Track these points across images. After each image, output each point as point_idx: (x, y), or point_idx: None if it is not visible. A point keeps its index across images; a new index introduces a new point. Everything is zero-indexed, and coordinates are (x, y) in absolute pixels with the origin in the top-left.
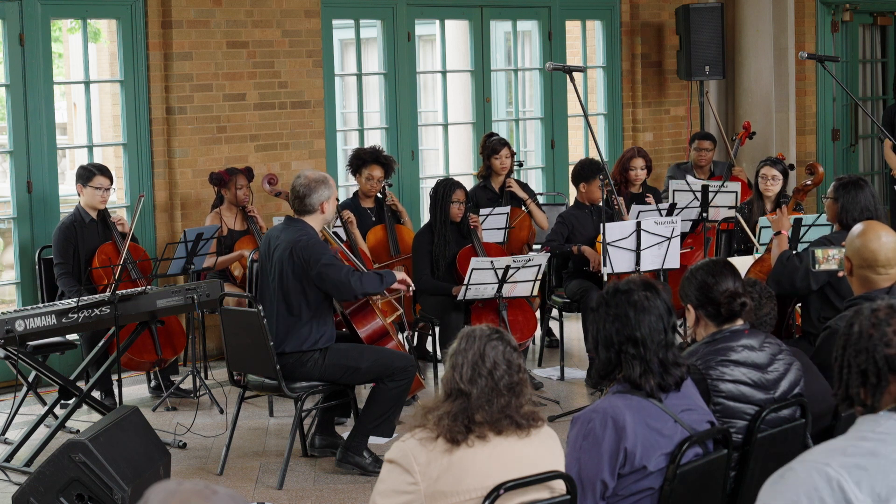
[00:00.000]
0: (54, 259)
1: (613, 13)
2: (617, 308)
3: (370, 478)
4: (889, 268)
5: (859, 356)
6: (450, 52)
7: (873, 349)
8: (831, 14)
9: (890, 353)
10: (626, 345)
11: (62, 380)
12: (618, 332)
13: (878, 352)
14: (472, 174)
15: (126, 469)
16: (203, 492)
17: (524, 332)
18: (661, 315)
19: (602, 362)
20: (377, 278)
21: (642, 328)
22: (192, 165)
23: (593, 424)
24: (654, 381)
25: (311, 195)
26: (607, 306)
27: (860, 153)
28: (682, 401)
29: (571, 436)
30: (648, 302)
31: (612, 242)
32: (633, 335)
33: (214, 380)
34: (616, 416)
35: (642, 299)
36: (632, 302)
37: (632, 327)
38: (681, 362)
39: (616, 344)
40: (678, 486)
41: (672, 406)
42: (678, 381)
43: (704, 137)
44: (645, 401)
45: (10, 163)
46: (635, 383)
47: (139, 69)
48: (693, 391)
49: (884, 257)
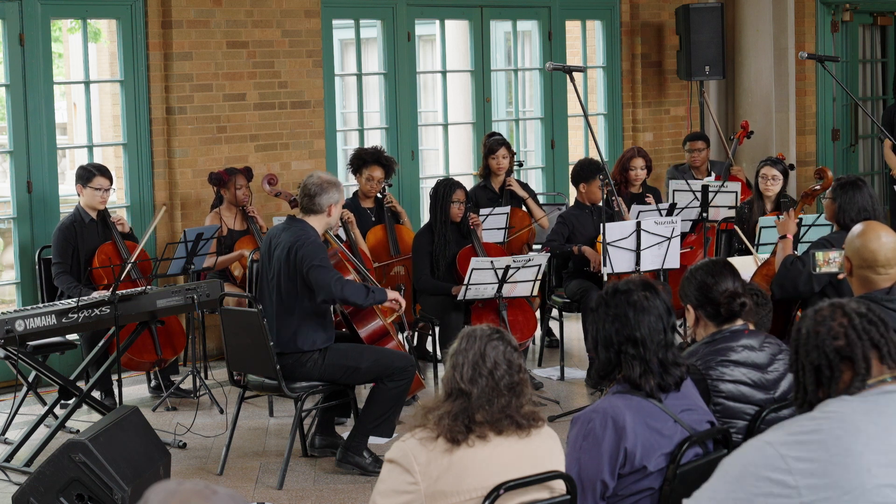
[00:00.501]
0: (52, 259)
1: (613, 13)
2: (616, 308)
3: (370, 478)
4: (889, 268)
5: (811, 354)
6: (450, 52)
7: (822, 344)
8: (831, 14)
9: (839, 345)
10: (625, 345)
11: (62, 380)
12: (617, 332)
13: (827, 346)
14: (472, 174)
15: (126, 469)
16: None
17: (524, 332)
18: (660, 315)
19: (602, 362)
20: (363, 290)
21: (642, 328)
22: (192, 165)
23: (593, 424)
24: (653, 382)
25: (321, 195)
26: (607, 306)
27: (860, 153)
28: (681, 401)
29: (571, 436)
30: (648, 302)
31: (612, 242)
32: (632, 335)
33: (214, 380)
34: (616, 417)
35: (642, 299)
36: (631, 302)
37: (631, 327)
38: (680, 362)
39: (616, 344)
40: (678, 486)
41: (672, 406)
42: (678, 382)
43: (696, 138)
44: (645, 401)
45: (10, 163)
46: (635, 383)
47: (139, 69)
48: (693, 391)
49: (883, 257)
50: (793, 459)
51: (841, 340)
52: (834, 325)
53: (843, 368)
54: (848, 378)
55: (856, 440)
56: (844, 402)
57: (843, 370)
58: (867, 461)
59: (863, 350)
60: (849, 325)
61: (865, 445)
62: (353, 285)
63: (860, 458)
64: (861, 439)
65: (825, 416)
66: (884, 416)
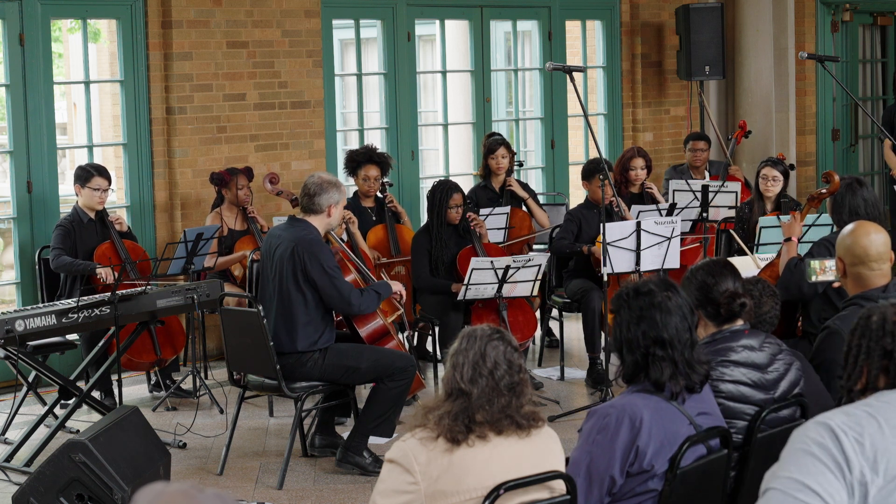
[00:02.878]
0: (51, 247)
1: (613, 13)
2: (641, 310)
3: (370, 478)
4: (881, 262)
5: (885, 339)
6: (450, 52)
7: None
8: (831, 14)
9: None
10: (653, 347)
11: (62, 380)
12: (644, 334)
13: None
14: (473, 174)
15: (126, 469)
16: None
17: (524, 333)
18: (684, 315)
19: (628, 365)
20: (375, 296)
21: (669, 329)
22: (192, 165)
23: (609, 420)
24: (682, 383)
25: (321, 195)
26: (630, 309)
27: (860, 153)
28: (699, 404)
29: (586, 427)
30: (671, 302)
31: (612, 242)
32: (660, 336)
33: (214, 380)
34: (634, 415)
35: (665, 300)
36: (656, 304)
37: (658, 329)
38: (703, 360)
39: (642, 346)
40: (678, 487)
41: (689, 408)
42: (702, 380)
43: (698, 138)
44: (664, 402)
45: (10, 163)
46: (661, 385)
47: (139, 69)
48: (710, 395)
49: (875, 252)
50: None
51: None
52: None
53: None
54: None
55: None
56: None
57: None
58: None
59: None
60: None
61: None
62: (367, 296)
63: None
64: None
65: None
66: None
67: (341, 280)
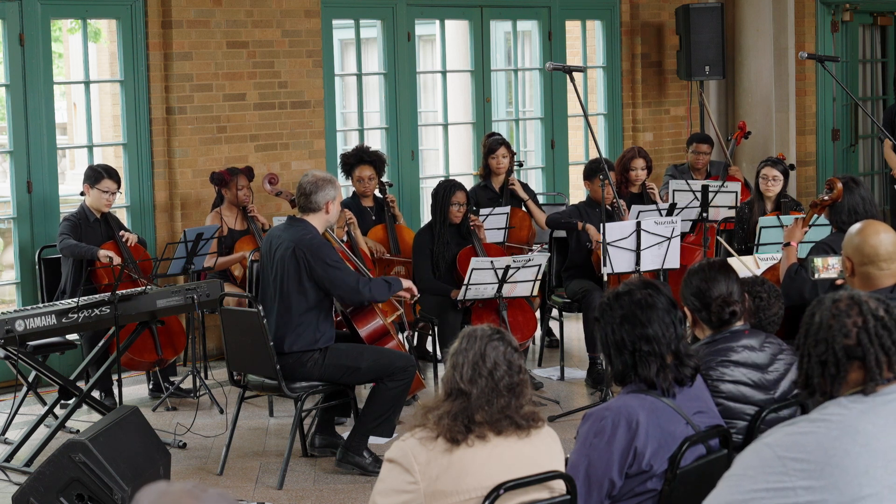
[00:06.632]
0: (59, 233)
1: (613, 13)
2: (623, 309)
3: (370, 478)
4: (891, 262)
5: (819, 346)
6: (450, 52)
7: (832, 339)
8: (831, 14)
9: (848, 344)
10: (639, 343)
11: (62, 380)
12: (629, 332)
13: (836, 342)
14: (473, 174)
15: (126, 469)
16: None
17: (524, 333)
18: (667, 310)
19: (618, 366)
20: (385, 286)
21: (653, 324)
22: (192, 165)
23: (606, 423)
24: (670, 377)
25: (317, 193)
26: (612, 310)
27: (860, 153)
28: (695, 402)
29: (582, 431)
30: (652, 298)
31: (612, 242)
32: (644, 333)
33: (214, 380)
34: (630, 416)
35: (646, 297)
36: (636, 301)
37: (643, 325)
38: (692, 353)
39: (629, 345)
40: (678, 487)
41: (686, 407)
42: (693, 373)
43: (702, 140)
44: (659, 402)
45: (10, 163)
46: (651, 382)
47: (139, 69)
48: (706, 393)
49: (885, 251)
50: (790, 461)
51: (852, 340)
52: (848, 322)
53: (850, 368)
54: (855, 378)
55: (854, 442)
56: (842, 405)
57: (850, 370)
58: (865, 463)
59: (875, 354)
60: (863, 326)
61: (863, 447)
62: (377, 284)
63: (857, 459)
64: (859, 441)
65: (823, 419)
66: (881, 417)
67: (347, 269)
